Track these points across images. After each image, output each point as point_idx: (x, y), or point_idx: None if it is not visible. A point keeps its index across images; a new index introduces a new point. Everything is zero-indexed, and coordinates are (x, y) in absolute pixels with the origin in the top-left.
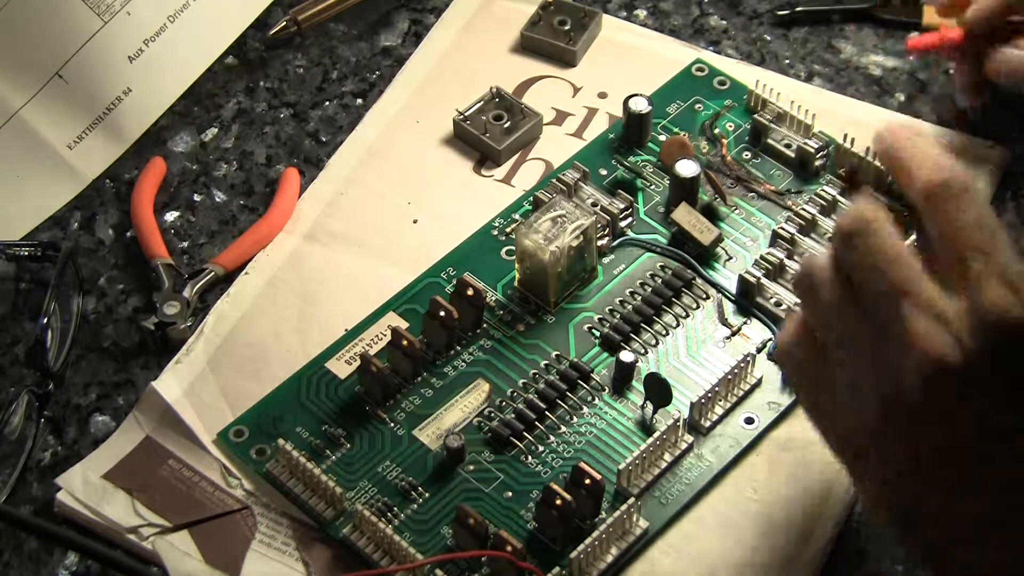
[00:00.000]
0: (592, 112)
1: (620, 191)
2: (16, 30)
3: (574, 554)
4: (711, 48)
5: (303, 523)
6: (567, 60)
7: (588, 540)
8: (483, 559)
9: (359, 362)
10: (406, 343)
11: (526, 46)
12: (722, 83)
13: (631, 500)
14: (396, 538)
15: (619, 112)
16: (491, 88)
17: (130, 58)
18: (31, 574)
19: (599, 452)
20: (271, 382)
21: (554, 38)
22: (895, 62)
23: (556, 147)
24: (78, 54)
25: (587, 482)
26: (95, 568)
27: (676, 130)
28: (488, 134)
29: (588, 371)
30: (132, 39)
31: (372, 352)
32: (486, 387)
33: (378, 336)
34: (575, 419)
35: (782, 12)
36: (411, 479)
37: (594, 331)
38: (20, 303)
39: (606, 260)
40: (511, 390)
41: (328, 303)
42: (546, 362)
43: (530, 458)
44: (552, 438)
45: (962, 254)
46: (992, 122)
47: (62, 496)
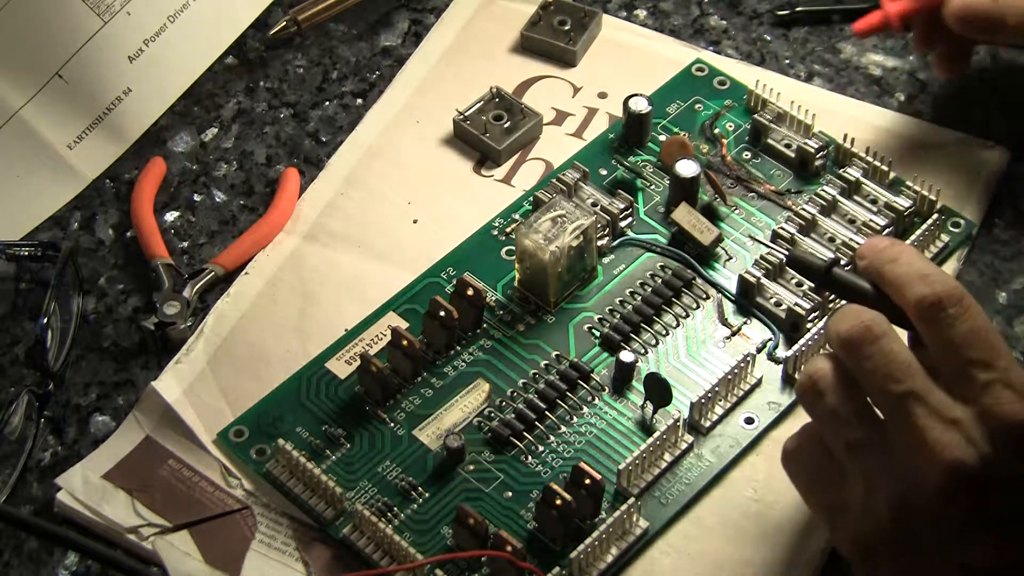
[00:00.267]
0: (592, 112)
1: (620, 191)
2: (16, 30)
3: (574, 554)
4: (711, 48)
5: (303, 523)
6: (567, 60)
7: (588, 540)
8: (483, 559)
9: (359, 362)
10: (406, 343)
11: (526, 46)
12: (722, 83)
13: (631, 500)
14: (396, 538)
15: (619, 112)
16: (491, 88)
17: (130, 58)
18: (31, 574)
19: (599, 452)
20: (271, 382)
21: (554, 38)
22: (895, 62)
23: (556, 147)
24: (78, 54)
25: (587, 482)
26: (95, 568)
27: (676, 130)
28: (488, 134)
29: (588, 371)
30: (132, 39)
31: (372, 352)
32: (486, 387)
33: (378, 336)
34: (575, 419)
35: (782, 12)
36: (411, 479)
37: (594, 331)
38: (20, 303)
39: (606, 260)
40: (511, 390)
41: (328, 303)
42: (546, 362)
43: (530, 458)
44: (552, 438)
45: (965, 366)
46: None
47: (62, 496)
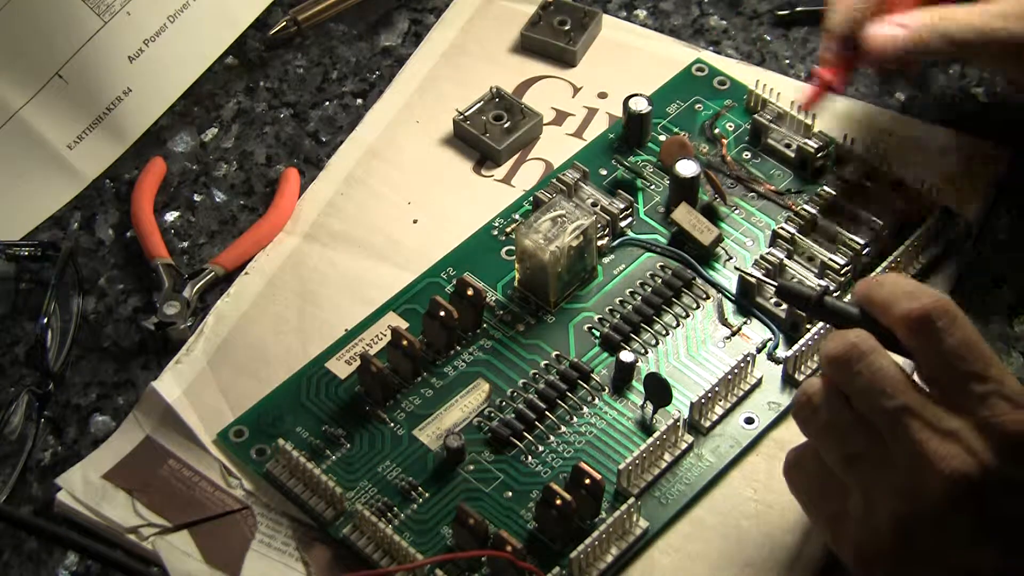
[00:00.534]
0: (592, 112)
1: (620, 191)
2: (16, 30)
3: (574, 554)
4: (711, 48)
5: (303, 523)
6: (567, 60)
7: (588, 540)
8: (483, 559)
9: (359, 362)
10: (406, 343)
11: (526, 46)
12: (722, 83)
13: (631, 500)
14: (396, 538)
15: (619, 112)
16: (491, 88)
17: (130, 58)
18: (31, 574)
19: (599, 452)
20: (271, 382)
21: (554, 38)
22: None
23: (556, 147)
24: (78, 54)
25: (587, 482)
26: (95, 568)
27: (676, 130)
28: (488, 134)
29: (588, 371)
30: (132, 39)
31: (372, 352)
32: (486, 387)
33: (378, 336)
34: (575, 419)
35: (782, 12)
36: (411, 479)
37: (594, 331)
38: (20, 303)
39: (606, 260)
40: (511, 390)
41: (328, 303)
42: (546, 362)
43: (530, 458)
44: (552, 438)
45: (959, 378)
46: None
47: (62, 496)
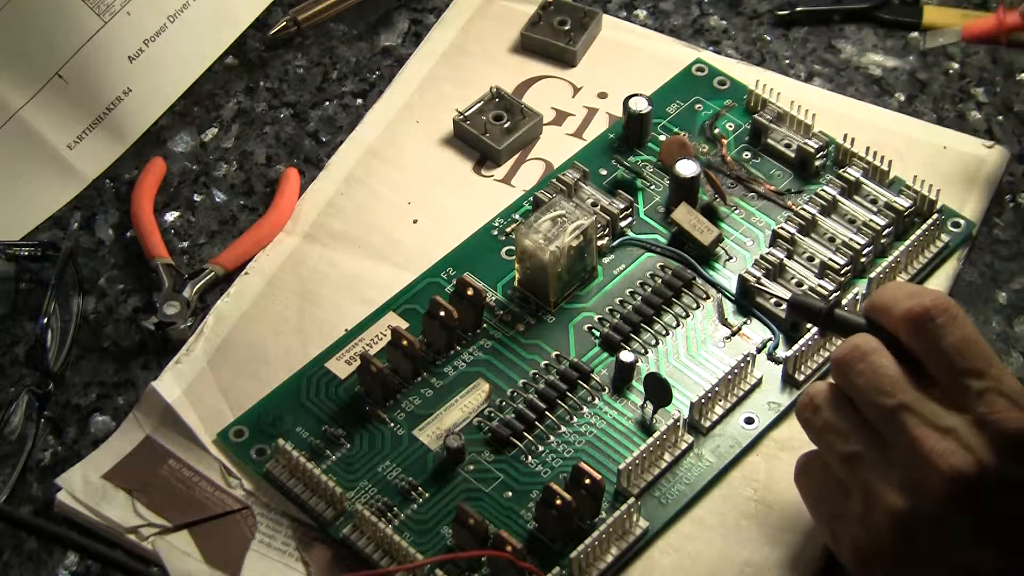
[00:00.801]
0: (592, 112)
1: (620, 191)
2: (16, 30)
3: (574, 554)
4: (711, 48)
5: (303, 523)
6: (567, 60)
7: (588, 540)
8: (483, 559)
9: (359, 362)
10: (406, 343)
11: (526, 46)
12: (722, 83)
13: (631, 500)
14: (396, 538)
15: (619, 112)
16: (491, 88)
17: (130, 58)
18: (31, 574)
19: (599, 452)
20: (271, 382)
21: (554, 38)
22: (895, 62)
23: (556, 147)
24: (78, 54)
25: (587, 482)
26: (95, 568)
27: (676, 130)
28: (488, 134)
29: (588, 371)
30: (132, 39)
31: (372, 352)
32: (486, 387)
33: (378, 336)
34: (575, 419)
35: (782, 12)
36: (411, 479)
37: (594, 331)
38: (20, 303)
39: (606, 260)
40: (511, 390)
41: (328, 303)
42: (546, 362)
43: (530, 458)
44: (552, 438)
45: (958, 375)
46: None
47: (62, 496)
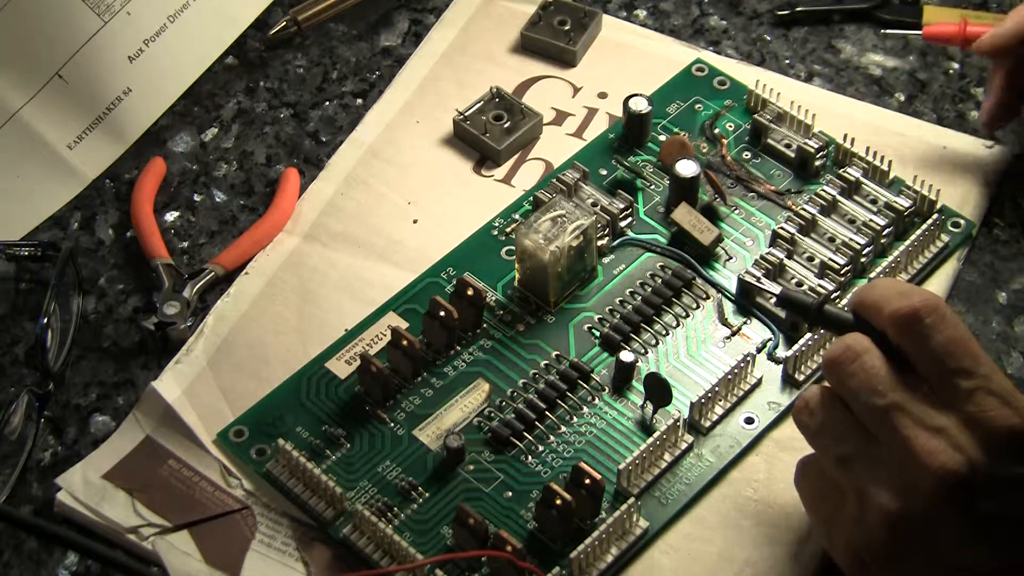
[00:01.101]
0: (592, 112)
1: (620, 191)
2: (16, 30)
3: (574, 554)
4: (711, 48)
5: (303, 523)
6: (567, 60)
7: (588, 540)
8: (483, 559)
9: (359, 362)
10: (406, 343)
11: (526, 46)
12: (722, 83)
13: (631, 500)
14: (396, 538)
15: (619, 112)
16: (491, 88)
17: (130, 58)
18: (31, 574)
19: (599, 452)
20: (271, 382)
21: (554, 38)
22: (895, 62)
23: (556, 147)
24: (78, 54)
25: (587, 482)
26: (95, 568)
27: (676, 130)
28: (488, 134)
29: (588, 371)
30: (132, 39)
31: (372, 352)
32: (486, 387)
33: (378, 336)
34: (575, 419)
35: (782, 12)
36: (411, 479)
37: (594, 331)
38: (20, 303)
39: (606, 260)
40: (511, 390)
41: (328, 303)
42: (546, 362)
43: (530, 458)
44: (552, 438)
45: (947, 375)
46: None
47: (62, 496)
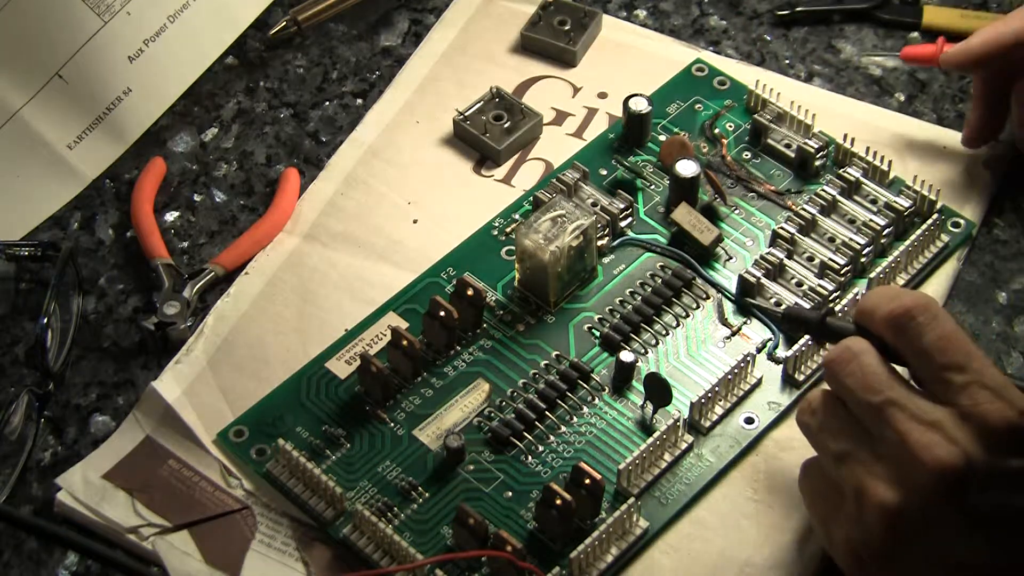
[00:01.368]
0: (592, 112)
1: (620, 191)
2: (16, 30)
3: (574, 554)
4: (711, 48)
5: (303, 523)
6: (567, 60)
7: (588, 540)
8: (483, 559)
9: (359, 362)
10: (406, 343)
11: (526, 46)
12: (722, 83)
13: (631, 500)
14: (396, 538)
15: (619, 112)
16: (491, 88)
17: (130, 58)
18: (31, 574)
19: (599, 452)
20: (271, 382)
21: (554, 38)
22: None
23: (556, 147)
24: (78, 54)
25: (587, 482)
26: (95, 568)
27: (676, 130)
28: (488, 134)
29: (588, 371)
30: (132, 39)
31: (372, 352)
32: (486, 387)
33: (378, 336)
34: (575, 419)
35: (782, 12)
36: (411, 479)
37: (594, 331)
38: (20, 303)
39: (606, 260)
40: (511, 390)
41: (328, 303)
42: (546, 362)
43: (530, 458)
44: (552, 438)
45: (940, 371)
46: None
47: (62, 496)
